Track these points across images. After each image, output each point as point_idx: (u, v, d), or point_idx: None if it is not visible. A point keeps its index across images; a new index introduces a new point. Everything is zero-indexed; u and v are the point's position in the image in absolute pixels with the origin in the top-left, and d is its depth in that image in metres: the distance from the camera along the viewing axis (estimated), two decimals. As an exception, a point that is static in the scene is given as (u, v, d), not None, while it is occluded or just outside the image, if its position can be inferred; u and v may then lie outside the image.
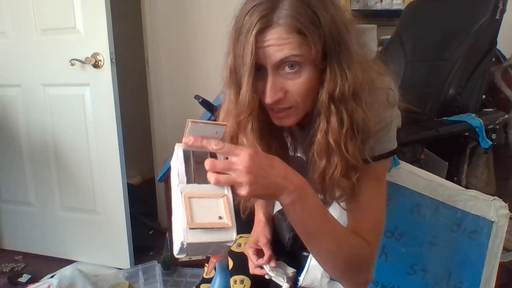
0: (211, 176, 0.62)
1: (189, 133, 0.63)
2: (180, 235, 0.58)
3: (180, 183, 0.62)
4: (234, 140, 0.81)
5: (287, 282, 0.93)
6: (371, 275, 0.79)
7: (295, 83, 0.73)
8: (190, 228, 0.58)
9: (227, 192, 0.62)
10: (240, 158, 0.62)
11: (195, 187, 0.62)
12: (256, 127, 0.78)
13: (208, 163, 0.62)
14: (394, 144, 0.85)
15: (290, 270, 0.97)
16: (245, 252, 1.00)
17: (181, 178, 0.62)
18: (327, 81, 0.73)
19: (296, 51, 0.70)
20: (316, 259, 0.80)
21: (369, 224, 0.80)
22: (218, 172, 0.62)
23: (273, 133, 0.83)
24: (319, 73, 0.74)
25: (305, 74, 0.73)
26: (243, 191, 0.62)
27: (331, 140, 0.74)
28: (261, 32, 0.70)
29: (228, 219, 0.60)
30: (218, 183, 0.62)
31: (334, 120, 0.74)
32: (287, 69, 0.72)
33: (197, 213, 0.59)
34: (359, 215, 0.81)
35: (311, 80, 0.74)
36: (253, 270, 0.98)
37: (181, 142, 0.65)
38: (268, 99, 0.73)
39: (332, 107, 0.74)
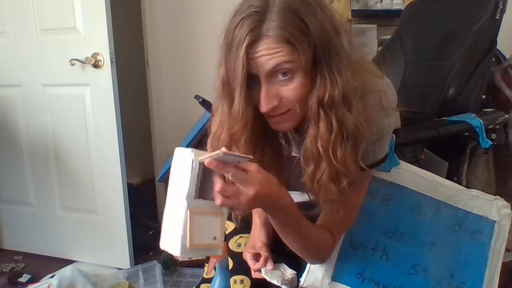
0: (217, 198, 0.67)
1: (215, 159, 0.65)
2: (177, 247, 0.64)
3: (188, 196, 0.65)
4: None
5: (282, 284, 0.93)
6: (328, 257, 0.93)
7: (289, 89, 0.74)
8: (188, 249, 0.64)
9: (225, 211, 0.70)
10: (247, 191, 0.67)
11: (200, 203, 0.67)
12: (249, 139, 0.79)
13: (219, 186, 0.66)
14: (384, 153, 0.87)
15: (289, 272, 0.96)
16: (243, 257, 1.01)
17: (190, 191, 0.65)
18: (317, 87, 0.74)
19: (288, 58, 0.71)
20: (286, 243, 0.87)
21: (340, 223, 0.87)
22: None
23: (267, 139, 0.84)
24: (311, 79, 0.74)
25: (298, 80, 0.73)
26: (237, 212, 0.72)
27: (319, 146, 0.75)
28: (251, 45, 0.70)
29: (220, 240, 0.69)
30: (222, 205, 0.68)
31: (323, 125, 0.74)
32: (280, 77, 0.73)
33: (196, 231, 0.65)
34: (333, 214, 0.84)
35: (304, 85, 0.74)
36: (254, 275, 0.99)
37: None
38: (264, 107, 0.74)
39: (321, 112, 0.74)
